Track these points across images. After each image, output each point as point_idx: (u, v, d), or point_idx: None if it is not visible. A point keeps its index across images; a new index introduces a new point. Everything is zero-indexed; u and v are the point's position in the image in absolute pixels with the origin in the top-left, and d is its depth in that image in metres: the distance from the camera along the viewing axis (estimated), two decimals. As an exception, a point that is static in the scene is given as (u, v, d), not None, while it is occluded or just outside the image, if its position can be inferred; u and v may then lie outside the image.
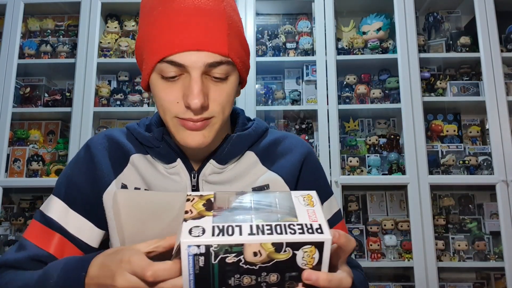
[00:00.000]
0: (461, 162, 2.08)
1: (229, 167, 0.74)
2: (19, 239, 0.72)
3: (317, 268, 0.48)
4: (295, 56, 2.22)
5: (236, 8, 0.71)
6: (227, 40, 0.64)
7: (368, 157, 2.12)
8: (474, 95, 2.14)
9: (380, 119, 2.32)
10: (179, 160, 0.73)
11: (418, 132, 2.01)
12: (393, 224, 2.09)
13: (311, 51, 2.21)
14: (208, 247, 0.45)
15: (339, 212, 0.82)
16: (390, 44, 2.20)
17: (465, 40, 2.18)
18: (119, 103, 2.22)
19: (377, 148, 2.19)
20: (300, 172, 0.77)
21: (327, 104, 2.07)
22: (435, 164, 2.09)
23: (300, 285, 0.49)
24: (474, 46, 2.17)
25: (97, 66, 2.16)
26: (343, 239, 0.51)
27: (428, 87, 2.21)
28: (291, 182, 0.76)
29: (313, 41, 2.21)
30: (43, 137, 2.32)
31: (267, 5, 2.31)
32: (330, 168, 2.00)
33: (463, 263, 2.03)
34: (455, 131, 2.19)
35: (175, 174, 0.73)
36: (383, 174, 2.09)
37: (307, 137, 2.23)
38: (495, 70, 2.04)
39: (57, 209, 0.72)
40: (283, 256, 0.46)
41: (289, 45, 2.23)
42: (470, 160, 2.07)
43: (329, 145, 2.03)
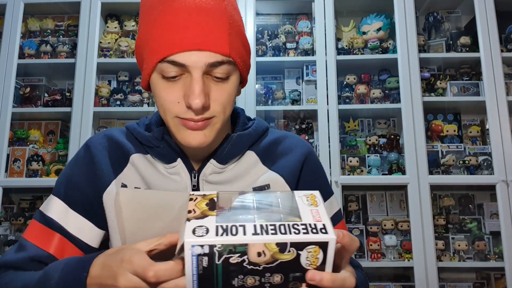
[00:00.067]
0: (461, 162, 2.08)
1: (229, 167, 0.74)
2: (19, 239, 0.71)
3: (321, 268, 0.48)
4: (295, 56, 2.22)
5: (237, 7, 0.71)
6: (228, 39, 0.64)
7: (368, 157, 2.12)
8: (474, 95, 2.14)
9: (380, 119, 2.32)
10: (179, 160, 0.73)
11: (418, 132, 2.01)
12: (393, 224, 2.09)
13: (311, 51, 2.21)
14: (212, 247, 0.44)
15: (339, 211, 0.82)
16: (390, 44, 2.20)
17: (465, 40, 2.18)
18: (119, 103, 2.22)
19: (377, 148, 2.19)
20: (300, 171, 0.77)
21: (327, 104, 2.07)
22: (435, 164, 2.09)
23: (303, 285, 0.49)
24: (474, 46, 2.17)
25: (97, 66, 2.16)
26: (347, 239, 0.51)
27: (428, 87, 2.21)
28: (291, 181, 0.75)
29: (313, 41, 2.21)
30: (43, 137, 2.32)
31: (267, 5, 2.31)
32: (330, 168, 2.00)
33: (463, 263, 2.03)
34: (455, 131, 2.19)
35: (175, 174, 0.72)
36: (383, 174, 2.09)
37: (307, 137, 2.23)
38: (495, 70, 2.04)
39: (57, 209, 0.72)
40: (287, 256, 0.46)
41: (289, 45, 2.23)
42: (470, 160, 2.07)
43: (329, 145, 2.03)
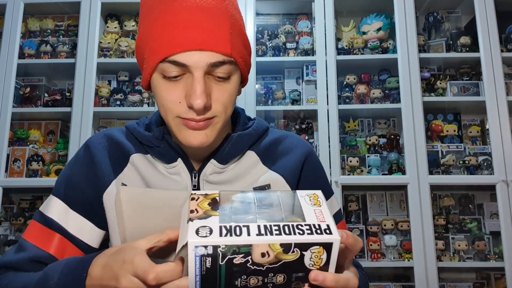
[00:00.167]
0: (461, 162, 2.08)
1: (230, 167, 0.74)
2: (19, 240, 0.71)
3: (324, 268, 0.48)
4: (295, 56, 2.22)
5: (237, 6, 0.71)
6: (230, 39, 0.63)
7: (368, 157, 2.12)
8: (474, 95, 2.14)
9: (380, 119, 2.32)
10: (179, 159, 0.72)
11: (418, 132, 2.01)
12: (393, 224, 2.09)
13: (311, 51, 2.21)
14: (215, 248, 0.44)
15: (339, 211, 0.82)
16: (390, 44, 2.20)
17: (465, 40, 2.18)
18: (119, 103, 2.22)
19: (377, 148, 2.19)
20: (301, 171, 0.77)
21: (327, 104, 2.07)
22: (435, 164, 2.09)
23: (306, 285, 0.49)
24: (474, 46, 2.17)
25: (97, 66, 2.16)
26: (351, 239, 0.51)
27: (428, 87, 2.21)
28: (292, 181, 0.75)
29: (313, 41, 2.21)
30: (43, 137, 2.32)
31: (267, 5, 2.31)
32: (330, 168, 2.00)
33: (463, 263, 2.03)
34: (455, 131, 2.19)
35: (176, 174, 0.72)
36: (383, 174, 2.09)
37: (307, 137, 2.23)
38: (495, 70, 2.04)
39: (57, 209, 0.72)
40: (291, 256, 0.46)
41: (289, 45, 2.23)
42: (470, 160, 2.07)
43: (329, 145, 2.03)
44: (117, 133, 0.77)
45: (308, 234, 0.46)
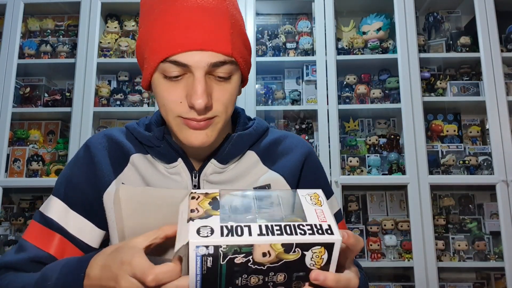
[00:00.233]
0: (461, 162, 2.08)
1: (230, 167, 0.74)
2: (19, 240, 0.71)
3: (325, 268, 0.47)
4: (295, 56, 2.22)
5: (238, 6, 0.71)
6: (231, 39, 0.64)
7: (368, 157, 2.12)
8: (474, 95, 2.14)
9: (380, 119, 2.32)
10: (180, 159, 0.72)
11: (418, 132, 2.01)
12: (393, 224, 2.09)
13: (311, 51, 2.21)
14: (217, 247, 0.44)
15: (339, 211, 0.82)
16: (390, 44, 2.20)
17: (465, 40, 2.18)
18: (119, 103, 2.22)
19: (377, 148, 2.19)
20: (301, 171, 0.77)
21: (327, 104, 2.07)
22: (435, 164, 2.09)
23: (307, 284, 0.49)
24: (474, 46, 2.17)
25: (97, 66, 2.16)
26: (352, 239, 0.51)
27: (428, 87, 2.21)
28: (292, 181, 0.75)
29: (313, 41, 2.21)
30: (43, 137, 2.32)
31: (267, 5, 2.31)
32: (330, 168, 2.00)
33: (463, 263, 2.03)
34: (455, 131, 2.19)
35: (176, 174, 0.72)
36: (383, 174, 2.09)
37: (307, 137, 2.23)
38: (495, 70, 2.04)
39: (57, 209, 0.71)
40: (292, 256, 0.46)
41: (289, 45, 2.23)
42: (470, 160, 2.07)
43: (329, 145, 2.03)
44: (117, 133, 0.77)
45: (309, 234, 0.46)
